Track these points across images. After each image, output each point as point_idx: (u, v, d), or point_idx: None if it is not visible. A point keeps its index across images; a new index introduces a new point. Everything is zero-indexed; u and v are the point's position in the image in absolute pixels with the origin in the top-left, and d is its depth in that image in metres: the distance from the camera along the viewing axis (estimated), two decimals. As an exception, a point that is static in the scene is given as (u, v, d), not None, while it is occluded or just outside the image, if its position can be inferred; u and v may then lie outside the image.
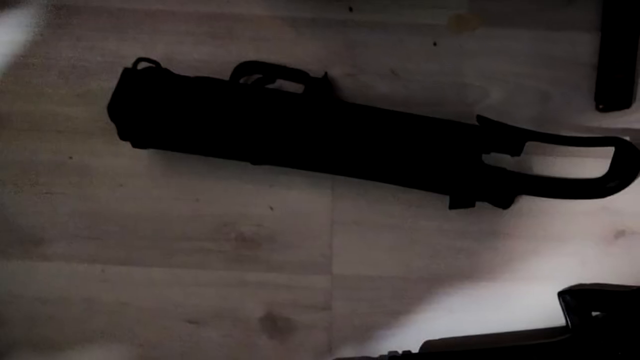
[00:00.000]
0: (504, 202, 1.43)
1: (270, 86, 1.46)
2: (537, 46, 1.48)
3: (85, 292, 1.39)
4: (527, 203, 1.40)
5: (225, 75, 1.44)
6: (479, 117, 1.40)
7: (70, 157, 1.47)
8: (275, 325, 1.37)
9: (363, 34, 1.47)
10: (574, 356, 1.26)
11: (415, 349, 1.33)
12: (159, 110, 1.38)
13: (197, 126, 1.39)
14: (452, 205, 1.41)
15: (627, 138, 1.41)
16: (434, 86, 1.50)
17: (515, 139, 1.40)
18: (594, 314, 1.28)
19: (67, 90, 1.50)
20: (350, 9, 1.46)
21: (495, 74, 1.50)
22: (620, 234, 1.45)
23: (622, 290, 1.32)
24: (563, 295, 1.32)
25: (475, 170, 1.39)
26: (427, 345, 1.34)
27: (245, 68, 1.47)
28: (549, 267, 1.38)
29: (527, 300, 1.36)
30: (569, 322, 1.29)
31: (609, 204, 1.43)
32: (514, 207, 1.38)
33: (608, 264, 1.40)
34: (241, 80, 1.46)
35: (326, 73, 1.48)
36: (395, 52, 1.48)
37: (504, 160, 1.41)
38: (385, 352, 1.34)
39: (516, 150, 1.40)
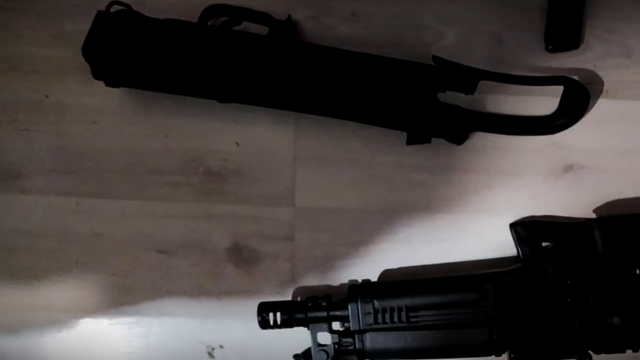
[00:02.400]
0: (459, 138, 1.36)
1: (237, 28, 1.40)
2: (490, -9, 1.30)
3: (60, 223, 1.33)
4: (481, 139, 1.34)
5: (194, 18, 1.38)
6: (435, 58, 1.34)
7: (47, 96, 1.40)
8: (241, 255, 1.33)
9: (325, -22, 1.32)
10: (525, 284, 1.22)
11: (374, 277, 1.29)
12: (131, 51, 1.32)
13: (167, 65, 1.33)
14: (409, 141, 1.35)
15: (576, 77, 1.36)
16: (393, 28, 1.44)
17: (469, 78, 1.33)
18: (543, 244, 1.24)
19: (44, 32, 1.44)
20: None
21: (451, 17, 1.43)
22: (568, 168, 1.37)
23: (570, 222, 1.27)
24: (514, 226, 1.26)
25: (431, 107, 1.33)
26: (386, 274, 1.30)
27: (212, 11, 1.40)
28: (501, 200, 1.33)
29: (480, 231, 1.32)
30: (520, 252, 1.24)
31: (558, 140, 1.36)
32: (468, 143, 1.33)
33: (557, 197, 1.34)
34: (209, 23, 1.39)
35: (290, 16, 1.41)
36: (356, -4, 1.31)
37: (459, 99, 1.33)
38: (345, 281, 1.31)
39: (470, 89, 1.34)
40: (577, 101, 1.33)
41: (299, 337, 1.24)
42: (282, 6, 1.35)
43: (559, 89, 1.28)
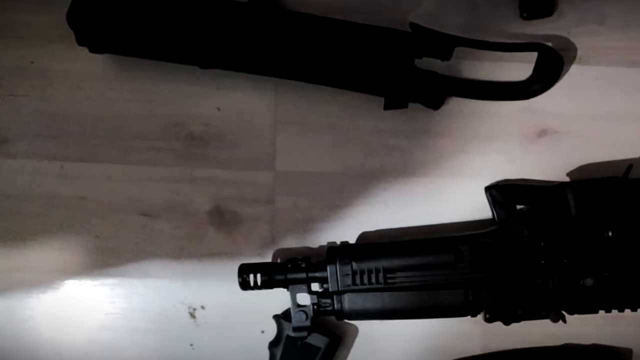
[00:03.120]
0: (435, 103, 1.30)
1: (218, -5, 1.27)
2: (466, -42, 1.27)
3: (45, 187, 1.27)
4: (457, 104, 1.28)
5: (176, -15, 1.25)
6: (412, 24, 1.27)
7: (32, 62, 1.34)
8: (223, 218, 1.27)
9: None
10: (500, 246, 1.16)
11: (352, 240, 1.24)
12: (114, 17, 1.25)
13: (150, 32, 1.26)
14: (387, 106, 1.28)
15: (549, 44, 1.30)
16: (371, -4, 1.29)
17: (445, 44, 1.27)
18: (518, 207, 1.18)
19: (29, -1, 1.30)
20: None
21: (428, -16, 1.28)
22: (542, 132, 1.32)
23: (544, 186, 1.20)
24: (490, 190, 1.20)
25: (408, 73, 1.26)
26: (364, 237, 1.25)
27: (194, -22, 1.27)
28: (476, 163, 1.27)
29: (456, 194, 1.26)
30: (495, 215, 1.18)
31: (532, 105, 1.31)
32: (444, 108, 1.28)
33: (531, 161, 1.31)
34: (190, -11, 1.27)
35: (270, -17, 1.28)
36: (335, -37, 1.28)
37: (435, 65, 1.28)
38: (324, 243, 1.24)
39: (446, 55, 1.27)
40: (550, 67, 1.29)
41: (278, 298, 1.20)
42: (262, -26, 1.25)
43: (533, 55, 1.22)
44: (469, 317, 1.15)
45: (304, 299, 1.15)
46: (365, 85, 1.27)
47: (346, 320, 1.18)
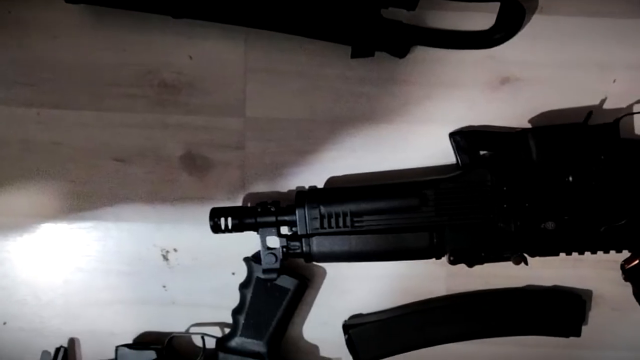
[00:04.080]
0: (401, 51, 1.20)
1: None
2: None
3: (22, 133, 1.20)
4: (422, 53, 1.22)
5: None
6: None
7: (9, 12, 1.22)
8: (194, 163, 1.20)
9: None
10: (464, 191, 1.10)
11: (320, 184, 1.18)
12: None
13: None
14: (354, 55, 1.19)
15: None
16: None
17: None
18: (481, 153, 1.12)
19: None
20: None
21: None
22: (505, 80, 1.22)
23: (507, 132, 1.17)
24: (454, 136, 1.13)
25: (375, 22, 1.16)
26: (331, 181, 1.18)
27: None
28: (441, 110, 1.21)
29: (421, 140, 1.19)
30: (459, 160, 1.11)
31: (495, 53, 1.21)
32: (410, 56, 1.21)
33: (494, 107, 1.22)
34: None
35: None
36: None
37: (401, 14, 1.18)
38: (293, 188, 1.18)
39: (411, 5, 1.16)
40: (513, 17, 1.18)
41: (249, 241, 1.14)
42: None
43: (496, 5, 1.12)
44: (434, 259, 1.10)
45: (274, 241, 1.09)
46: (332, 34, 1.18)
47: (314, 263, 1.13)
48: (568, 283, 1.17)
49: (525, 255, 1.08)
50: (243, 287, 1.14)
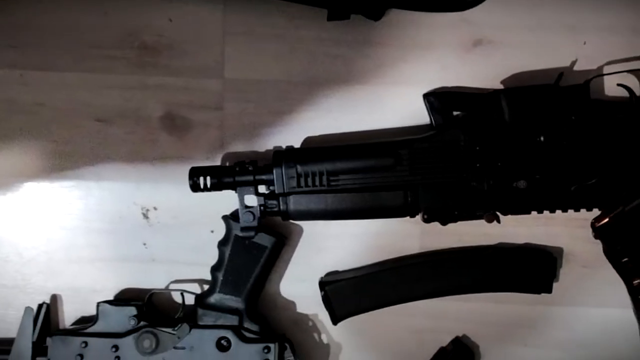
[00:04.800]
0: (376, 14, 1.18)
1: None
2: None
3: (5, 94, 1.19)
4: (396, 15, 1.20)
5: None
6: None
7: None
8: (174, 123, 1.20)
9: None
10: (437, 150, 1.11)
11: (297, 144, 1.17)
12: None
13: None
14: (330, 17, 1.17)
15: None
16: None
17: None
18: (455, 113, 1.13)
19: None
20: None
21: None
22: (477, 42, 1.22)
23: (480, 93, 1.16)
24: (428, 96, 1.13)
25: None
26: (308, 141, 1.17)
27: None
28: (415, 72, 1.21)
29: (396, 101, 1.18)
30: (432, 121, 1.11)
31: (468, 16, 1.20)
32: (385, 19, 1.19)
33: (467, 69, 1.21)
34: None
35: None
36: None
37: None
38: (270, 147, 1.19)
39: None
40: None
41: (227, 200, 1.14)
42: None
43: None
44: (408, 217, 1.10)
45: (251, 200, 1.10)
46: (309, -4, 1.15)
47: (291, 221, 1.14)
48: (539, 241, 1.17)
49: (498, 213, 1.08)
50: (221, 244, 1.14)
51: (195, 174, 1.10)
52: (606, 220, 1.12)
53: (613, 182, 1.10)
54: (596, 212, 1.12)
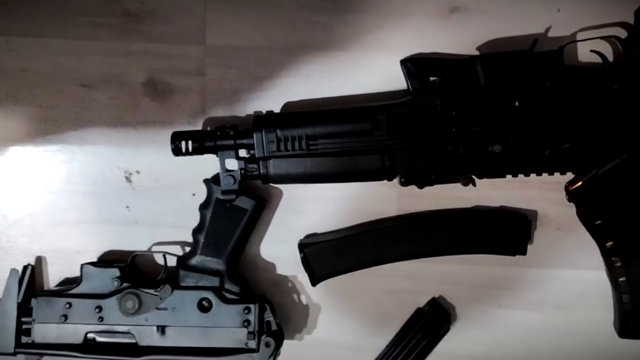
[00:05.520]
0: None
1: None
2: None
3: None
4: None
5: None
6: None
7: None
8: (156, 88, 1.19)
9: None
10: (414, 115, 1.10)
11: (277, 109, 1.17)
12: None
13: None
14: None
15: None
16: None
17: None
18: (431, 79, 1.11)
19: None
20: None
21: None
22: (454, 9, 1.21)
23: (456, 59, 1.15)
24: (405, 62, 1.12)
25: None
26: (288, 106, 1.17)
27: None
28: (392, 38, 1.20)
29: (374, 67, 1.18)
30: (410, 86, 1.10)
31: None
32: None
33: (444, 35, 1.20)
34: None
35: None
36: None
37: None
38: (251, 112, 1.16)
39: None
40: None
41: (208, 164, 1.14)
42: None
43: None
44: (386, 181, 1.10)
45: (232, 164, 1.10)
46: (289, -36, 1.15)
47: (271, 184, 1.14)
48: (514, 204, 1.18)
49: (473, 177, 1.09)
50: (203, 207, 1.14)
51: (177, 138, 1.09)
52: (580, 183, 1.12)
53: (586, 147, 1.10)
54: (570, 175, 1.11)
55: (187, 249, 1.18)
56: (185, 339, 1.13)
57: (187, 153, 1.09)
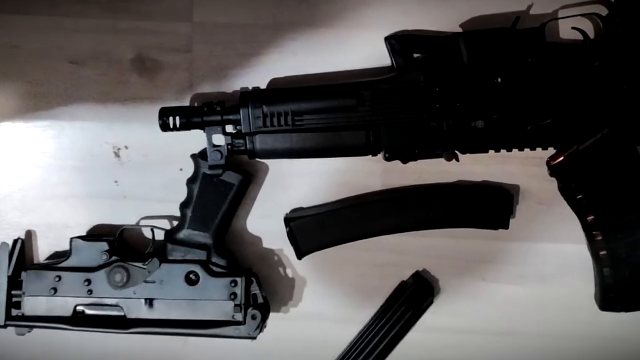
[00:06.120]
0: None
1: None
2: None
3: None
4: None
5: None
6: None
7: None
8: (144, 65, 1.19)
9: None
10: (399, 91, 1.10)
11: (263, 85, 1.16)
12: None
13: None
14: None
15: None
16: None
17: None
18: (415, 56, 1.14)
19: None
20: None
21: None
22: None
23: (439, 36, 1.15)
24: (389, 40, 1.11)
25: None
26: (274, 82, 1.17)
27: None
28: (377, 16, 1.19)
29: (359, 44, 1.17)
30: (394, 63, 1.10)
31: None
32: None
33: (428, 13, 1.19)
34: None
35: None
36: None
37: None
38: (238, 89, 1.18)
39: None
40: None
41: (196, 139, 1.15)
42: None
43: None
44: (370, 156, 1.10)
45: (219, 139, 1.10)
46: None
47: (258, 160, 1.14)
48: (497, 179, 1.17)
49: (457, 152, 1.09)
50: (190, 182, 1.14)
51: (165, 114, 1.09)
52: (561, 159, 1.12)
53: (568, 123, 1.11)
54: (552, 151, 1.12)
55: (175, 223, 1.17)
56: (173, 311, 1.13)
57: (175, 129, 1.09)
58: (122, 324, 1.14)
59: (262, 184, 1.20)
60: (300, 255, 1.16)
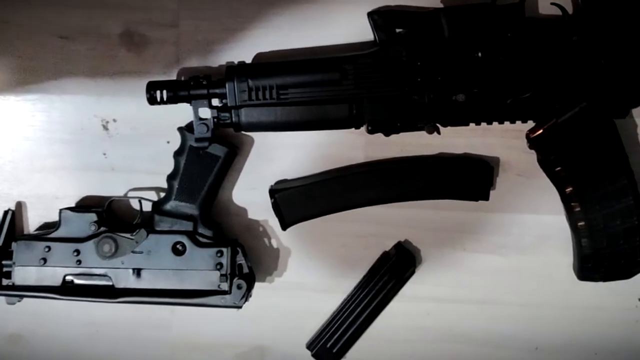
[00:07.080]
0: None
1: None
2: None
3: None
4: None
5: None
6: None
7: None
8: (132, 40, 1.19)
9: None
10: (381, 65, 1.12)
11: (249, 60, 1.17)
12: None
13: None
14: None
15: None
16: None
17: None
18: (397, 30, 1.14)
19: None
20: None
21: None
22: None
23: (421, 11, 1.15)
24: (372, 14, 1.09)
25: None
26: (259, 57, 1.16)
27: None
28: None
29: (342, 19, 1.17)
30: (376, 38, 1.09)
31: None
32: None
33: None
34: None
35: None
36: None
37: None
38: (223, 63, 1.20)
39: None
40: None
41: (182, 112, 1.14)
42: None
43: None
44: (353, 129, 1.11)
45: (205, 112, 1.10)
46: None
47: (243, 132, 1.13)
48: (477, 151, 1.17)
49: (438, 125, 1.09)
50: (177, 154, 1.14)
51: (152, 88, 1.09)
52: (540, 131, 1.12)
53: (547, 96, 1.12)
54: (531, 123, 1.13)
55: (162, 194, 1.17)
56: (160, 281, 1.14)
57: (162, 102, 1.09)
58: (110, 293, 1.14)
59: (248, 156, 1.19)
60: (284, 226, 1.16)
